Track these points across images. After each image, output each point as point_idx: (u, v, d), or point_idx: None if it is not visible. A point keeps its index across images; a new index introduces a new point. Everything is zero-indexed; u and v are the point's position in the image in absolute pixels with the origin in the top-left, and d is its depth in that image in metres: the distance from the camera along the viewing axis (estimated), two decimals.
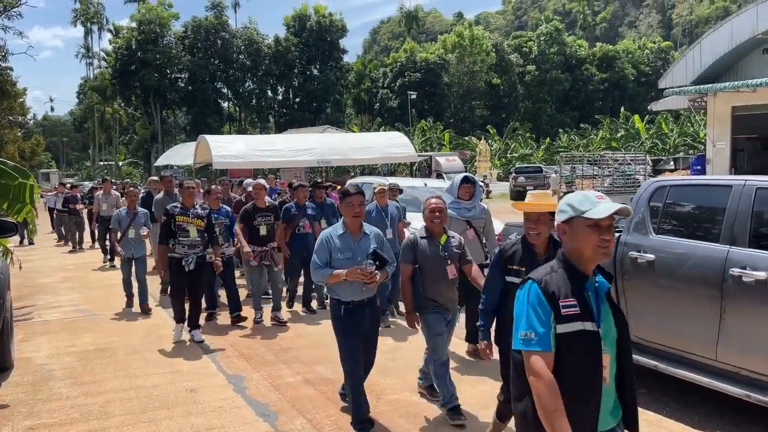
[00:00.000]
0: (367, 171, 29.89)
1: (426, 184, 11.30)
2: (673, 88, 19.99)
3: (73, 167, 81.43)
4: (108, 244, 12.67)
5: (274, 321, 7.47)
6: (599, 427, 2.24)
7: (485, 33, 70.76)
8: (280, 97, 66.17)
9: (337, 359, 4.53)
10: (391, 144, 23.91)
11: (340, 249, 4.25)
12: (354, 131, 48.05)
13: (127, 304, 8.58)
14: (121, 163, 64.92)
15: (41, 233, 17.12)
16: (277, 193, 11.45)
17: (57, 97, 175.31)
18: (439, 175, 29.13)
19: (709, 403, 4.70)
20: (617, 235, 5.14)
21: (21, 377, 5.75)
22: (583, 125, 54.98)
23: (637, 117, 47.61)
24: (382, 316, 8.00)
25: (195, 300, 6.85)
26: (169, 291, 7.50)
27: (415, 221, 8.29)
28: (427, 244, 4.57)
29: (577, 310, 2.19)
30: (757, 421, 4.37)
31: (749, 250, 4.13)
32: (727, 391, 4.11)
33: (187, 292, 6.83)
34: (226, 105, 66.47)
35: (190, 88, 59.89)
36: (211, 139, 21.77)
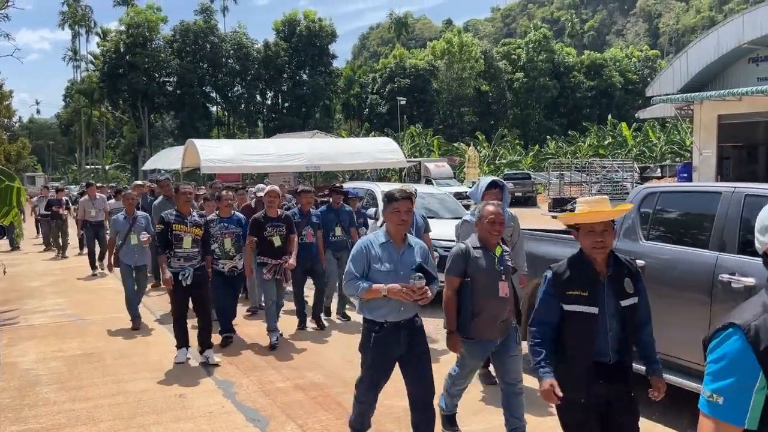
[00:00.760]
0: (356, 176, 29.90)
1: (416, 190, 11.29)
2: (660, 96, 20.19)
3: (59, 171, 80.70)
4: (97, 252, 12.33)
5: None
6: None
7: (474, 40, 71.12)
8: (269, 101, 66.10)
9: (327, 363, 4.51)
10: (381, 149, 23.93)
11: (380, 259, 3.71)
12: (343, 136, 48.06)
13: (134, 327, 7.61)
14: (107, 167, 64.43)
15: (27, 238, 16.94)
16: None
17: (43, 100, 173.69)
18: (428, 181, 29.24)
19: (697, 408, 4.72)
20: None
21: (7, 382, 5.67)
22: (571, 132, 55.30)
23: (624, 125, 48.00)
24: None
25: (203, 316, 6.25)
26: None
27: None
28: (481, 255, 4.04)
29: None
30: None
31: (738, 256, 4.18)
32: None
33: (193, 309, 6.30)
34: (214, 109, 66.29)
35: (178, 92, 59.64)
36: (199, 143, 21.66)
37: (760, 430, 1.61)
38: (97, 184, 14.74)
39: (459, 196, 17.87)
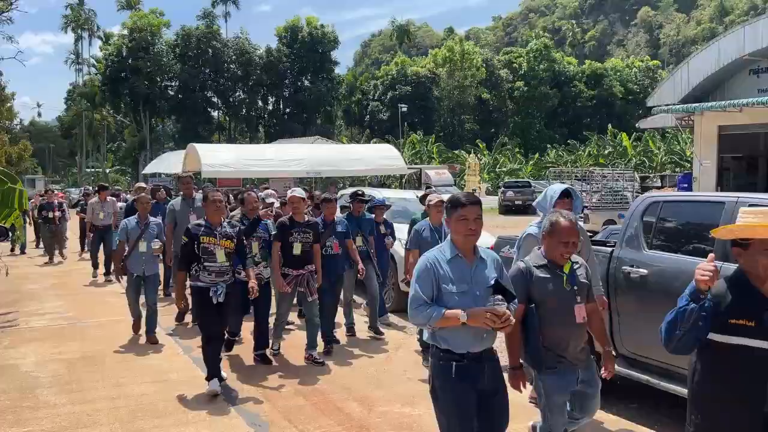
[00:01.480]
0: (356, 183, 29.93)
1: (417, 197, 11.28)
2: (660, 106, 20.21)
3: (60, 174, 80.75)
4: (102, 256, 12.00)
5: (308, 360, 6.31)
6: None
7: (476, 48, 71.39)
8: (271, 107, 66.26)
9: (328, 369, 4.47)
10: (381, 156, 24.01)
11: (452, 279, 3.08)
12: (344, 143, 48.15)
13: (134, 329, 7.33)
14: (108, 170, 64.50)
15: (28, 241, 16.96)
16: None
17: (45, 102, 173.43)
18: (428, 188, 29.26)
19: None
20: (609, 249, 5.19)
21: (7, 384, 5.66)
22: (571, 141, 55.45)
23: (624, 135, 48.12)
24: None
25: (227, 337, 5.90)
26: (199, 329, 5.78)
27: (400, 234, 7.94)
28: (547, 275, 3.43)
29: None
30: None
31: None
32: None
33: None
34: (216, 114, 66.39)
35: (180, 96, 59.79)
36: (200, 147, 21.74)
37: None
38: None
39: None
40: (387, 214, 8.27)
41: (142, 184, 11.85)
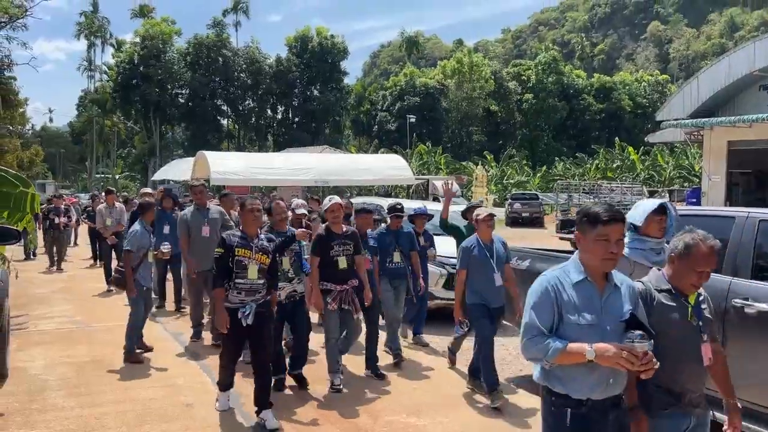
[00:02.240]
0: (363, 192, 30.01)
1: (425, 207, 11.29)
2: (670, 120, 20.22)
3: (70, 179, 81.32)
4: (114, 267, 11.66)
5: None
6: None
7: (484, 60, 71.55)
8: (280, 116, 66.63)
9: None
10: (389, 166, 24.05)
11: (577, 307, 2.58)
12: (352, 152, 48.28)
13: (134, 360, 6.46)
14: (117, 176, 64.91)
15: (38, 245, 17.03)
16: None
17: (56, 108, 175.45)
18: (435, 199, 29.31)
19: None
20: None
21: (16, 386, 5.70)
22: (580, 154, 55.38)
23: (631, 149, 48.03)
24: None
25: (261, 365, 4.93)
26: (219, 349, 5.43)
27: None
28: (672, 302, 2.84)
29: None
30: None
31: (752, 281, 4.18)
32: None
33: (251, 357, 5.17)
34: (225, 122, 66.81)
35: (190, 104, 60.26)
36: (209, 155, 21.84)
37: None
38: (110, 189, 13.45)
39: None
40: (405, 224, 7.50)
41: (148, 190, 11.71)
